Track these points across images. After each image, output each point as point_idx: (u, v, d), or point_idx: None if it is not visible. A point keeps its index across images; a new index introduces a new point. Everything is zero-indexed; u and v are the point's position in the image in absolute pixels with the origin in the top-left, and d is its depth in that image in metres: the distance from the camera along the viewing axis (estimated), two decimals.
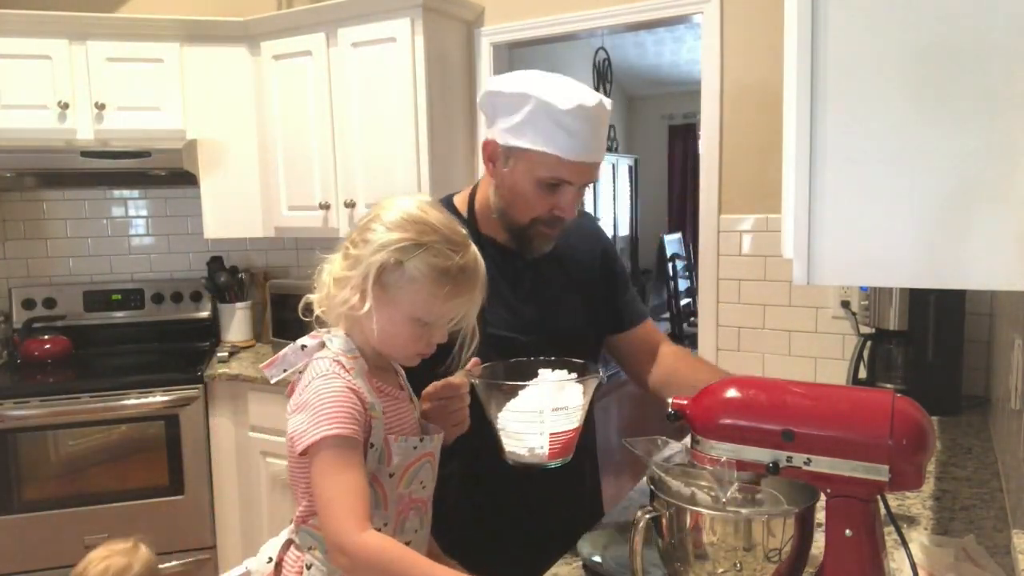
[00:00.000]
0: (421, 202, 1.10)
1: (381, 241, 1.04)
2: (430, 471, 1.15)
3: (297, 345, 1.12)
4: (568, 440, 1.18)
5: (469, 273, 1.07)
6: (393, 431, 1.09)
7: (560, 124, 1.22)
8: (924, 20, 0.77)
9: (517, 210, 1.31)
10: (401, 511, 1.10)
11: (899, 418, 0.84)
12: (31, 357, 2.97)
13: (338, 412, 1.01)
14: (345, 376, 1.04)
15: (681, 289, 6.51)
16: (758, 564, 0.91)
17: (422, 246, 1.04)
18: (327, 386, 1.03)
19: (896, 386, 1.95)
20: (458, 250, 1.06)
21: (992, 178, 0.75)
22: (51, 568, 2.64)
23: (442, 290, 1.04)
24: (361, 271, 1.04)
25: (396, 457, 1.07)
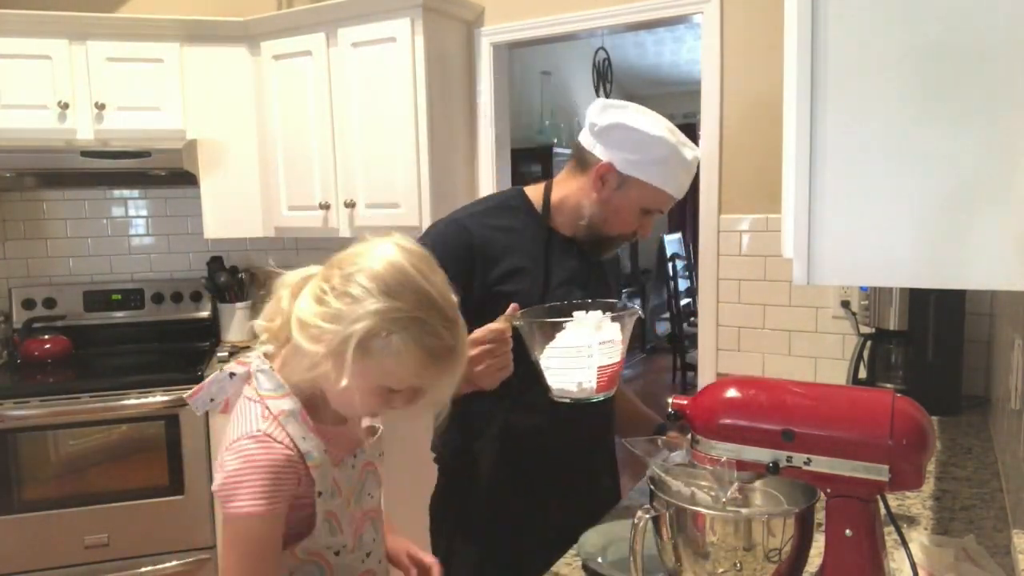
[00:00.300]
0: (411, 254, 0.98)
1: (371, 308, 0.92)
2: (375, 479, 1.14)
3: (225, 374, 1.05)
4: (614, 373, 1.27)
5: (456, 354, 0.98)
6: (335, 460, 1.05)
7: (680, 169, 1.44)
8: (924, 20, 0.77)
9: (610, 225, 1.49)
10: (357, 529, 1.09)
11: (899, 418, 0.84)
12: (31, 357, 2.97)
13: (262, 487, 0.94)
14: (275, 441, 0.96)
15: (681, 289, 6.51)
16: (758, 564, 0.91)
17: (416, 321, 0.93)
18: (254, 454, 0.95)
19: (896, 386, 1.95)
20: (451, 327, 0.97)
21: (992, 178, 0.75)
22: (51, 568, 2.64)
23: (426, 371, 0.96)
24: (340, 333, 0.92)
25: (343, 484, 1.06)
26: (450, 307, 0.99)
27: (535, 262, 1.45)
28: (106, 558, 2.67)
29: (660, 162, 1.42)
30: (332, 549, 1.05)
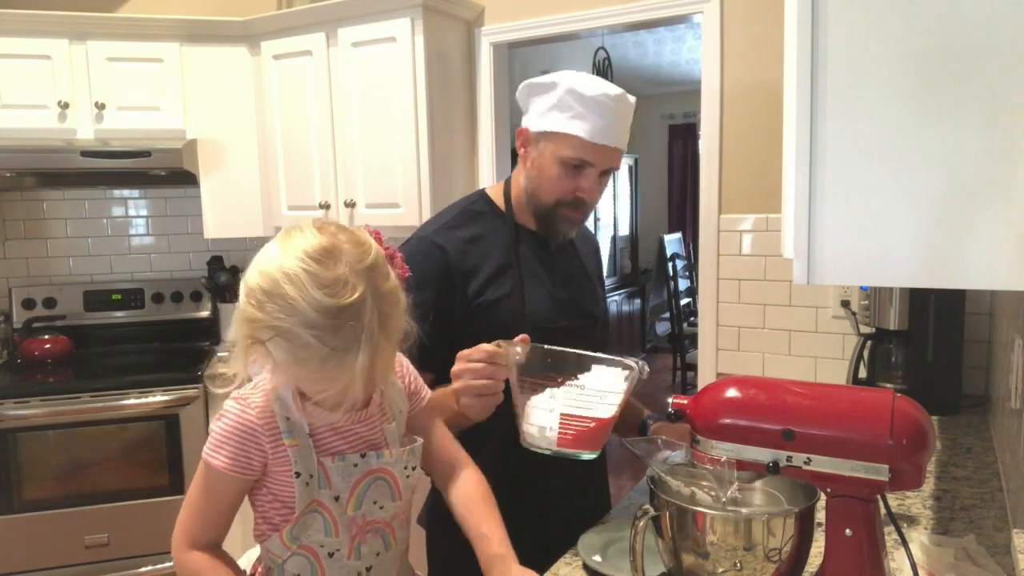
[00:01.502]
0: (301, 251, 0.94)
1: (243, 316, 0.96)
2: (386, 490, 1.08)
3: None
4: (585, 431, 1.10)
5: (346, 333, 0.92)
6: (334, 451, 1.04)
7: (585, 107, 1.34)
8: (924, 20, 0.77)
9: (543, 191, 1.41)
10: (355, 535, 1.06)
11: (899, 418, 0.84)
12: (31, 357, 2.97)
13: (220, 443, 1.03)
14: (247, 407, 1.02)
15: (681, 289, 6.51)
16: (758, 563, 0.91)
17: (288, 332, 0.92)
18: (225, 411, 1.04)
19: (896, 386, 1.95)
20: (331, 325, 0.92)
21: (992, 178, 0.75)
22: (51, 568, 2.64)
23: (324, 368, 0.94)
24: (241, 340, 0.97)
25: (335, 478, 1.03)
26: (328, 290, 0.92)
27: (510, 264, 1.41)
28: (106, 558, 2.68)
29: (559, 106, 1.35)
30: (326, 549, 1.05)
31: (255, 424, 1.02)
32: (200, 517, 1.07)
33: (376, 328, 0.94)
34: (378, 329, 0.94)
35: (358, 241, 0.98)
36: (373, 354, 0.94)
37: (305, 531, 1.04)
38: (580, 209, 1.43)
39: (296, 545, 1.04)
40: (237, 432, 1.02)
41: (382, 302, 0.95)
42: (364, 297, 0.93)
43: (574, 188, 1.39)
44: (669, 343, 7.05)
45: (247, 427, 1.02)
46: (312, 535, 1.04)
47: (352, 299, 0.92)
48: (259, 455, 1.03)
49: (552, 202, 1.41)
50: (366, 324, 0.93)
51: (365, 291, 0.93)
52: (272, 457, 1.02)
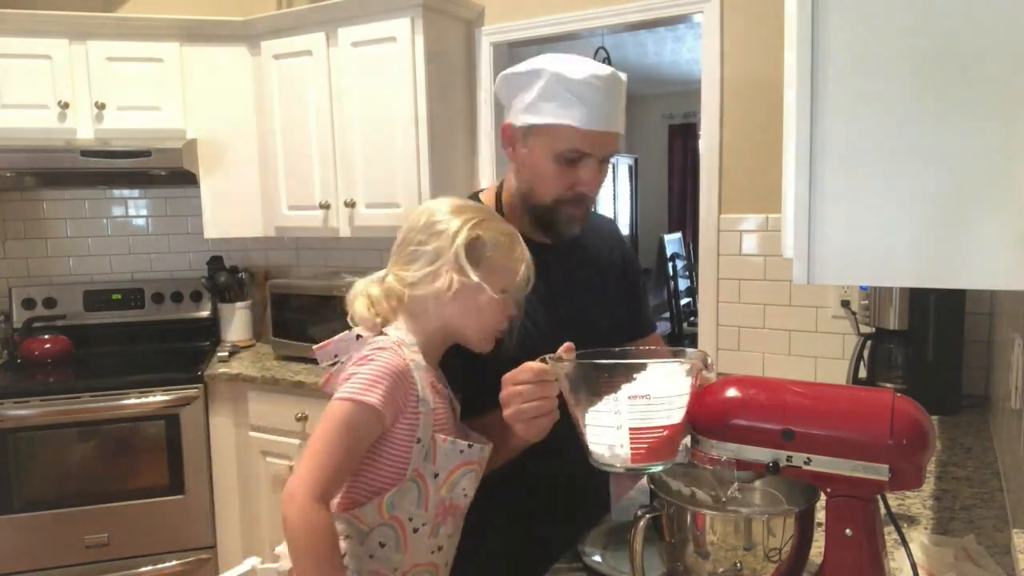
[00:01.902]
0: (445, 198, 1.20)
1: (456, 225, 1.11)
2: (474, 480, 1.14)
3: (353, 334, 1.13)
4: (658, 441, 0.96)
5: (519, 238, 1.17)
6: (442, 430, 1.10)
7: (574, 94, 1.22)
8: (925, 20, 0.76)
9: (539, 190, 1.30)
10: (439, 514, 1.10)
11: (899, 418, 0.84)
12: (31, 357, 2.97)
13: (373, 381, 1.02)
14: (400, 354, 1.07)
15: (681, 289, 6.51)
16: (758, 563, 0.91)
17: (487, 219, 1.15)
18: (377, 355, 1.06)
19: (896, 385, 1.95)
20: (504, 220, 1.19)
21: (992, 178, 0.75)
22: (51, 568, 2.64)
23: (515, 253, 1.14)
24: (450, 257, 1.10)
25: (440, 456, 1.08)
26: (489, 212, 1.21)
27: None
28: (106, 558, 2.68)
29: (545, 95, 1.23)
30: (413, 522, 1.07)
31: (409, 372, 1.06)
32: (335, 464, 1.00)
33: (526, 255, 1.20)
34: (525, 256, 1.20)
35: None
36: (526, 270, 1.18)
37: (402, 500, 1.06)
38: (582, 204, 1.31)
39: (389, 514, 1.06)
40: (392, 373, 1.04)
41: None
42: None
43: (573, 183, 1.27)
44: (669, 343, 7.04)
45: (402, 371, 1.05)
46: (406, 506, 1.06)
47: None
48: (404, 400, 1.05)
49: (550, 201, 1.29)
50: (517, 233, 1.20)
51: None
52: (403, 415, 1.06)
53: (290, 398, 2.62)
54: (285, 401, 2.63)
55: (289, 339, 2.87)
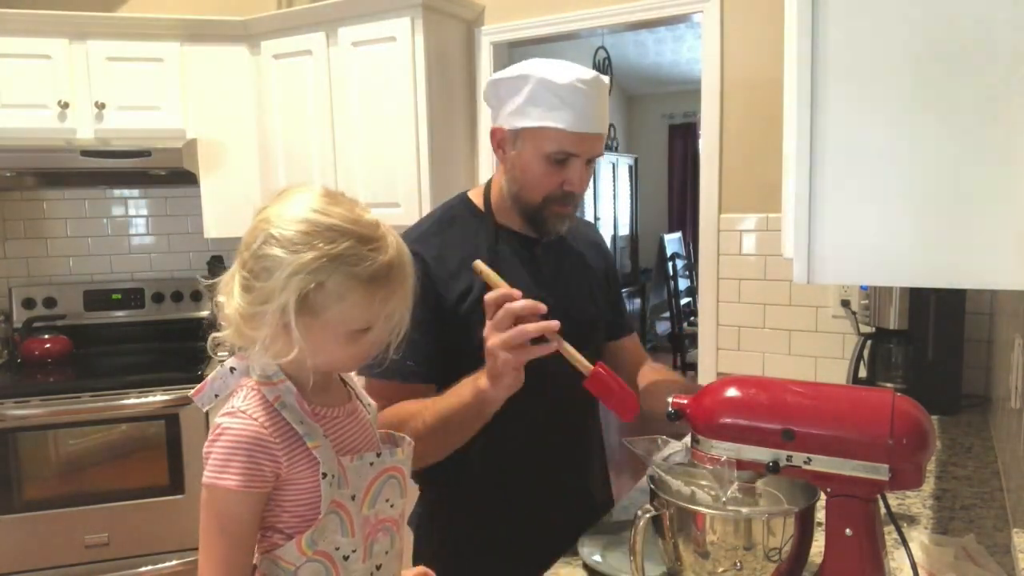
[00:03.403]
0: (315, 198, 0.96)
1: (289, 269, 0.90)
2: (397, 487, 1.06)
3: (226, 368, 1.03)
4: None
5: (397, 266, 0.96)
6: (344, 451, 1.01)
7: (560, 98, 1.27)
8: (925, 19, 0.77)
9: (529, 190, 1.35)
10: (368, 534, 1.04)
11: (899, 417, 0.84)
12: (31, 356, 2.97)
13: (225, 461, 0.93)
14: (249, 417, 0.95)
15: (681, 288, 6.51)
16: (758, 563, 0.91)
17: (338, 259, 0.91)
18: (225, 427, 0.95)
19: (896, 385, 1.95)
20: (377, 247, 0.94)
21: (992, 178, 0.75)
22: (51, 568, 2.64)
23: (375, 297, 0.93)
24: (276, 306, 0.91)
25: (352, 477, 1.00)
26: (366, 226, 0.95)
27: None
28: (106, 558, 2.67)
29: (532, 99, 1.28)
30: (341, 552, 1.02)
31: (263, 434, 0.95)
32: (227, 554, 0.94)
33: (408, 278, 0.98)
34: (406, 283, 0.98)
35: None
36: (402, 303, 0.97)
37: (323, 534, 1.00)
38: (569, 203, 1.37)
39: (312, 551, 1.00)
40: (244, 445, 0.94)
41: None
42: (397, 241, 0.98)
43: (560, 182, 1.33)
44: (669, 343, 7.05)
45: (255, 438, 0.94)
46: (329, 537, 1.00)
47: (384, 231, 0.98)
48: (271, 465, 0.95)
49: (539, 200, 1.35)
50: (399, 264, 0.96)
51: (397, 240, 0.99)
52: (288, 465, 0.97)
53: None
54: None
55: None
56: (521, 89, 1.30)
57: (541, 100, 1.28)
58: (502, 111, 1.35)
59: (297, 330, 0.91)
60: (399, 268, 0.97)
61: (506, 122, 1.33)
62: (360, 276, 0.92)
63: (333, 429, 1.03)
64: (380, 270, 0.93)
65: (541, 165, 1.31)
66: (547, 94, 1.28)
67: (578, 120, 1.29)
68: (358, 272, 0.92)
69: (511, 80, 1.32)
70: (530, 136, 1.31)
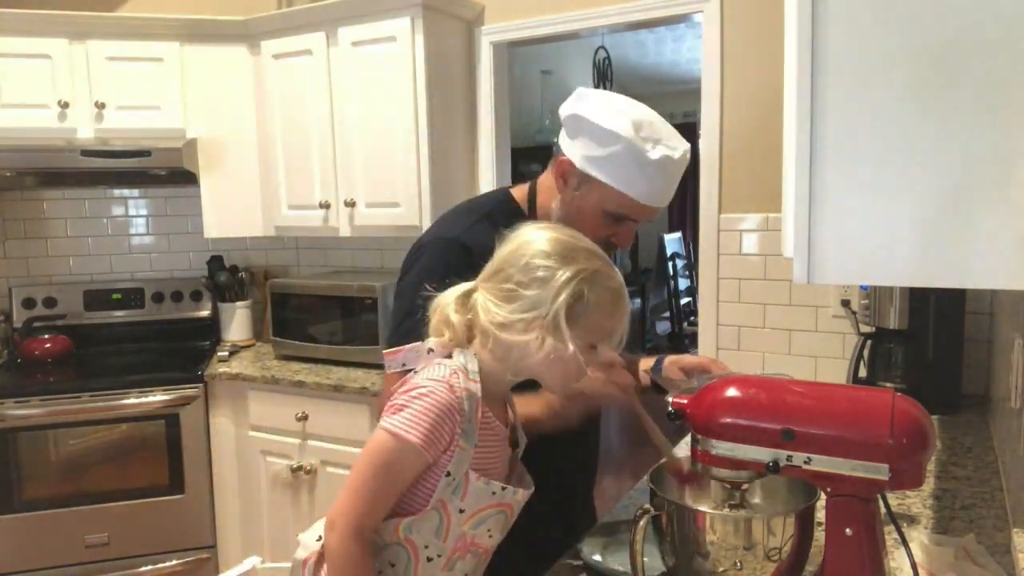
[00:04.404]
0: (552, 228, 1.09)
1: (563, 278, 1.01)
2: (503, 522, 1.10)
3: (424, 347, 1.09)
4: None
5: (623, 292, 1.08)
6: (479, 469, 1.05)
7: (643, 170, 1.28)
8: (925, 20, 0.77)
9: (576, 229, 1.34)
10: (457, 549, 1.06)
11: (899, 417, 0.84)
12: (31, 356, 2.97)
13: (421, 419, 0.99)
14: (453, 390, 1.02)
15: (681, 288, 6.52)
16: (758, 563, 0.91)
17: (598, 273, 1.04)
18: (429, 389, 1.01)
19: (896, 385, 1.95)
20: (613, 269, 1.07)
21: (992, 178, 0.75)
22: (51, 568, 2.64)
23: (618, 310, 1.05)
24: (547, 312, 1.01)
25: (471, 495, 1.04)
26: (603, 253, 1.09)
27: None
28: (106, 557, 2.68)
29: (618, 161, 1.27)
30: (428, 550, 1.04)
31: (456, 409, 1.01)
32: (373, 499, 1.00)
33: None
34: (628, 310, 1.10)
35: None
36: (624, 324, 1.08)
37: (421, 526, 1.04)
38: (609, 252, 1.34)
39: (405, 536, 1.04)
40: (440, 410, 1.00)
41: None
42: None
43: (610, 235, 1.35)
44: (669, 342, 7.05)
45: (451, 408, 1.01)
46: (424, 532, 1.04)
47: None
48: (449, 438, 1.01)
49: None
50: (624, 285, 1.08)
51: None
52: (450, 447, 1.02)
53: (290, 398, 2.62)
54: (285, 401, 2.63)
55: (289, 339, 2.87)
56: (608, 144, 1.27)
57: (625, 165, 1.27)
58: (577, 147, 1.32)
59: (567, 336, 1.01)
60: (626, 291, 1.09)
61: (580, 161, 1.31)
62: (610, 290, 1.04)
63: (487, 442, 1.06)
64: (620, 287, 1.06)
65: (598, 217, 1.33)
66: (632, 162, 1.27)
67: (652, 195, 1.30)
68: (609, 286, 1.04)
69: (602, 132, 1.28)
70: (599, 188, 1.30)
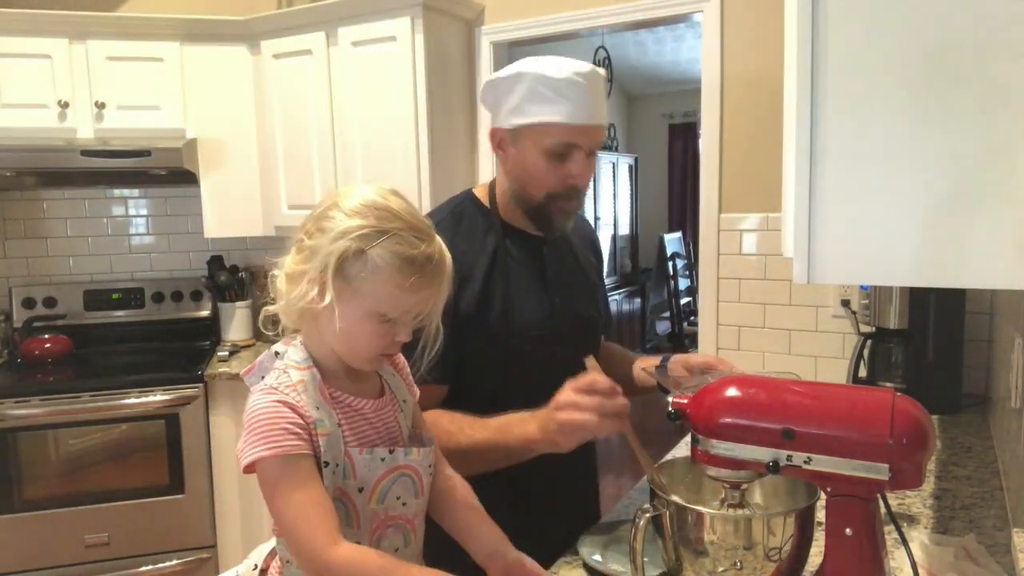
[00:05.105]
0: (382, 189, 1.03)
1: (341, 228, 0.96)
2: (410, 486, 1.07)
3: (271, 351, 1.07)
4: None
5: (436, 263, 1.00)
6: (360, 443, 1.02)
7: (558, 92, 1.28)
8: (924, 19, 0.77)
9: (531, 187, 1.35)
10: (376, 528, 1.04)
11: (899, 417, 0.84)
12: (31, 356, 2.97)
13: (271, 430, 0.95)
14: (277, 391, 0.98)
15: (681, 288, 6.52)
16: (758, 563, 0.91)
17: (385, 233, 0.97)
18: (259, 403, 0.98)
19: (896, 385, 1.95)
20: (423, 238, 0.99)
21: (992, 177, 0.75)
22: (51, 568, 2.64)
23: (407, 280, 0.97)
24: (319, 262, 0.97)
25: (361, 470, 1.01)
26: (419, 222, 1.01)
27: (498, 269, 1.35)
28: (106, 557, 2.68)
29: (530, 96, 1.29)
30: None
31: (296, 406, 0.98)
32: (315, 509, 0.94)
33: (444, 281, 1.02)
34: (441, 285, 1.02)
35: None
36: (434, 300, 1.01)
37: None
38: (573, 198, 1.37)
39: None
40: (277, 414, 0.96)
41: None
42: (443, 248, 1.03)
43: (564, 176, 1.33)
44: (669, 342, 7.05)
45: (284, 406, 0.97)
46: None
47: (436, 234, 1.02)
48: (304, 434, 0.97)
49: (543, 196, 1.35)
50: (438, 263, 1.01)
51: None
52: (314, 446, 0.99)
53: None
54: None
55: None
56: (517, 87, 1.30)
57: (538, 96, 1.29)
58: (500, 111, 1.35)
59: (331, 290, 0.96)
60: (438, 265, 1.01)
61: (504, 122, 1.34)
62: (399, 255, 0.97)
63: (352, 419, 1.04)
64: (419, 257, 0.98)
65: (542, 161, 1.31)
66: (544, 89, 1.28)
67: (577, 112, 1.28)
68: (398, 251, 0.97)
69: (507, 79, 1.32)
70: (529, 133, 1.31)
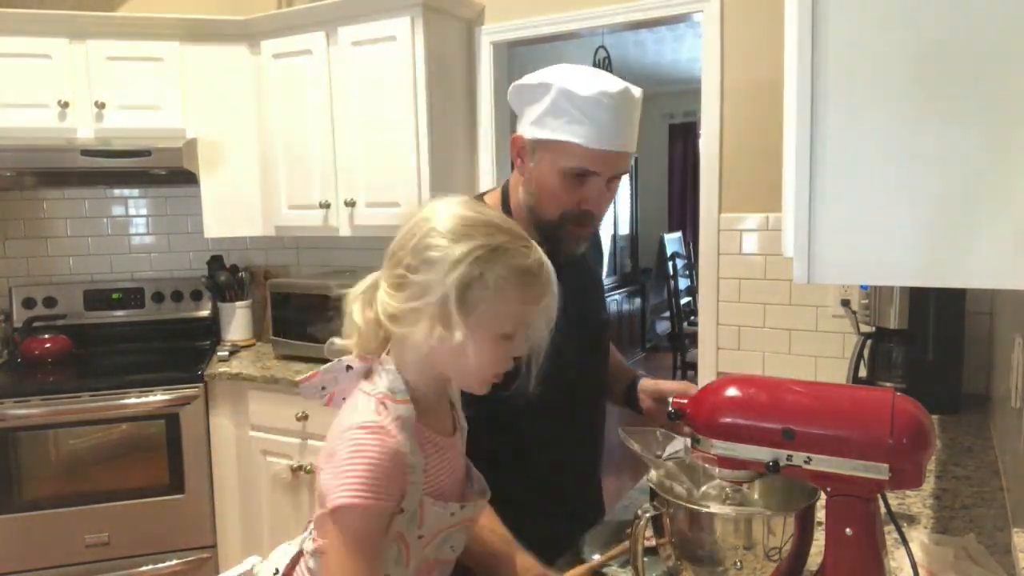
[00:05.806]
0: (466, 201, 0.97)
1: (453, 257, 0.89)
2: (462, 536, 1.04)
3: (342, 365, 1.00)
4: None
5: (547, 269, 0.95)
6: (433, 491, 0.98)
7: (582, 111, 1.20)
8: (925, 19, 0.76)
9: (545, 205, 1.28)
10: (422, 571, 1.01)
11: (899, 417, 0.84)
12: (31, 356, 2.97)
13: (377, 479, 0.89)
14: (389, 435, 0.91)
15: (681, 288, 6.51)
16: (758, 562, 0.91)
17: (497, 250, 0.91)
18: (365, 443, 0.90)
19: (896, 385, 1.95)
20: (527, 244, 0.94)
21: (992, 178, 0.75)
22: (51, 568, 2.64)
23: (530, 293, 0.93)
24: (436, 297, 0.89)
25: (429, 519, 0.97)
26: (516, 227, 0.96)
27: None
28: (106, 557, 2.68)
29: (553, 110, 1.21)
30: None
31: (402, 453, 0.91)
32: (369, 570, 0.90)
33: (555, 281, 0.97)
34: (555, 287, 0.97)
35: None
36: (545, 312, 0.96)
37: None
38: (587, 224, 1.30)
39: None
40: (387, 462, 0.89)
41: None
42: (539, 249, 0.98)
43: (578, 200, 1.26)
44: (669, 342, 7.04)
45: (396, 455, 0.90)
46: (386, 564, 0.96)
47: (532, 240, 0.97)
48: (401, 483, 0.92)
49: (556, 217, 1.28)
50: (547, 265, 0.96)
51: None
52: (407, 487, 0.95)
53: (290, 397, 2.62)
54: (285, 400, 2.63)
55: (289, 338, 2.87)
56: (542, 98, 1.23)
57: (561, 112, 1.21)
58: (523, 119, 1.29)
59: (460, 323, 0.90)
60: (549, 270, 0.96)
61: (526, 131, 1.27)
62: (516, 269, 0.91)
63: (432, 461, 0.99)
64: (533, 265, 0.93)
65: (558, 180, 1.25)
66: (567, 105, 1.21)
67: (600, 136, 1.21)
68: (515, 265, 0.91)
69: (533, 87, 1.25)
70: (548, 149, 1.24)
